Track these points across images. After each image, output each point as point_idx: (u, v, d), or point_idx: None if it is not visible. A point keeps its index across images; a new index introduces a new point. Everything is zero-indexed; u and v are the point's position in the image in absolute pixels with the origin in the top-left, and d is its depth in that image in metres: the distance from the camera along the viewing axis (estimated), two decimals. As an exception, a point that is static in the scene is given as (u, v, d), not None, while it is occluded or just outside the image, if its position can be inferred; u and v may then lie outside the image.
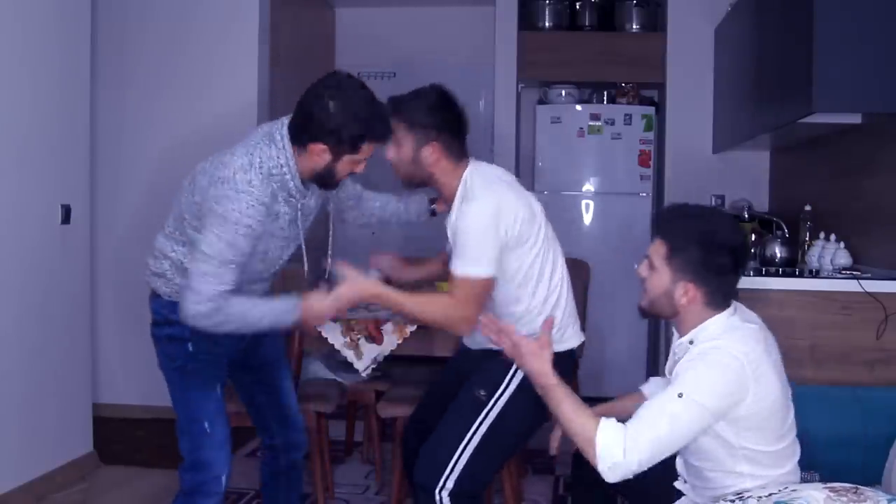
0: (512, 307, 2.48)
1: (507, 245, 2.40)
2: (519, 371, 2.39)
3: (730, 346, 1.97)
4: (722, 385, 1.94)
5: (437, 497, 2.38)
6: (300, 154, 2.32)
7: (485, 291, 2.41)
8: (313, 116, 2.27)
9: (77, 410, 3.87)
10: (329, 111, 2.24)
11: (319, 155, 2.30)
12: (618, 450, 1.90)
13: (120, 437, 4.34)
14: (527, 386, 2.20)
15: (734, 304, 2.12)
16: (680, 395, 1.94)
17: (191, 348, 2.44)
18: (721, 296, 2.07)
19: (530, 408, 2.37)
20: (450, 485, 2.38)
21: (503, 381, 2.47)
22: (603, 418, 1.96)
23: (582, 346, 2.72)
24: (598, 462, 1.92)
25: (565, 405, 2.00)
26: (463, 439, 2.42)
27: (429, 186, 2.60)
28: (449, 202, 2.56)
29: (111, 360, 4.75)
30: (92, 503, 3.59)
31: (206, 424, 2.44)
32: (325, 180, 2.39)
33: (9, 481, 3.35)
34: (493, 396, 2.46)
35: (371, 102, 2.30)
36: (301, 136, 2.30)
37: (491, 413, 2.45)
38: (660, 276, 2.09)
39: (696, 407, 1.92)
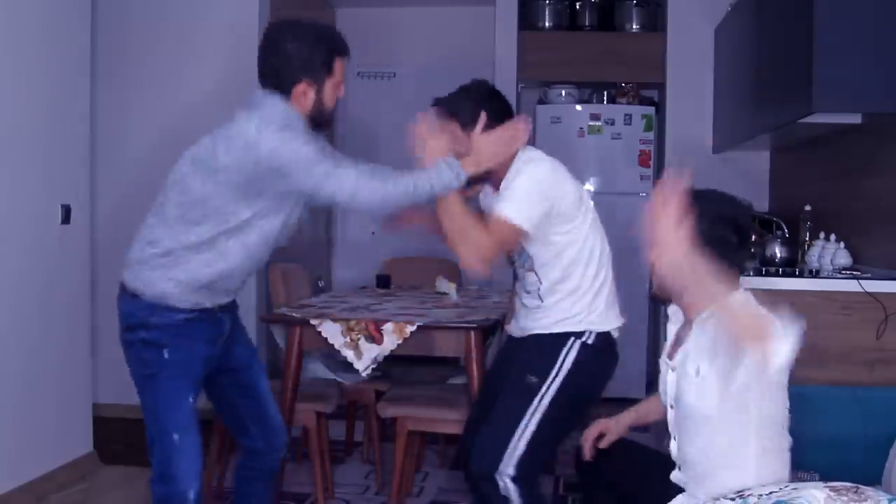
0: (564, 284, 2.60)
1: (552, 214, 2.51)
2: (570, 355, 2.50)
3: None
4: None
5: (500, 482, 2.41)
6: (292, 101, 2.38)
7: (512, 239, 2.50)
8: (281, 60, 2.35)
9: (77, 410, 3.87)
10: (292, 48, 2.35)
11: (305, 94, 2.37)
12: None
13: (120, 437, 4.34)
14: (577, 370, 2.37)
15: (746, 291, 2.12)
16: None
17: (166, 355, 2.34)
18: (728, 271, 2.07)
19: (583, 388, 2.51)
20: (510, 470, 2.42)
21: (554, 365, 2.52)
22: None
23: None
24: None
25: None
26: (518, 425, 2.45)
27: (487, 178, 2.64)
28: (499, 185, 2.61)
29: (111, 360, 4.71)
30: (92, 503, 3.59)
31: (176, 436, 2.33)
32: (319, 119, 2.43)
33: (8, 481, 3.35)
34: (544, 381, 2.50)
35: (316, 23, 2.44)
36: (281, 85, 2.36)
37: (545, 398, 2.49)
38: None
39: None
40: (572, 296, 2.58)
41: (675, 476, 2.19)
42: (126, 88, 4.78)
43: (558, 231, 2.55)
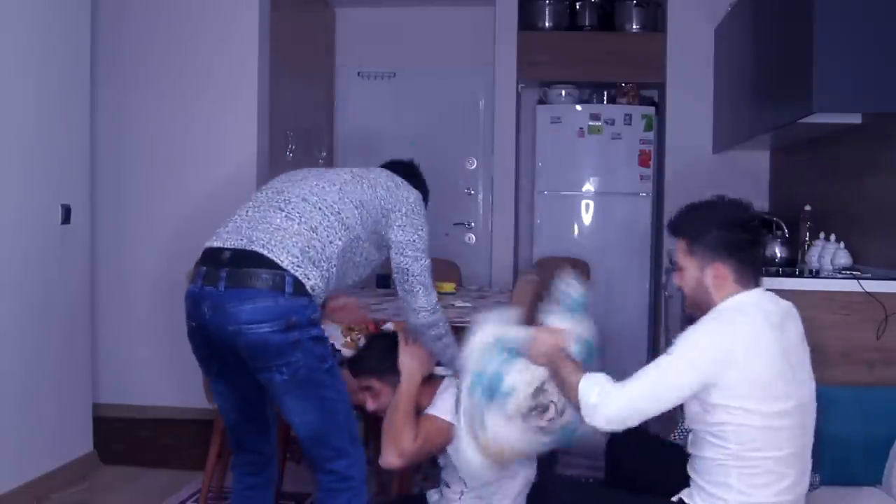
0: None
1: None
2: None
3: (732, 316, 2.06)
4: (710, 346, 2.02)
5: None
6: None
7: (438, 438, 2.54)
8: (415, 174, 2.77)
9: (77, 410, 3.87)
10: (424, 181, 2.83)
11: None
12: (594, 393, 2.04)
13: (120, 437, 4.34)
14: None
15: (767, 291, 2.17)
16: (668, 353, 2.05)
17: (332, 345, 2.48)
18: (749, 270, 2.14)
19: None
20: None
21: None
22: (586, 375, 2.11)
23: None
24: (579, 405, 2.08)
25: (565, 371, 2.18)
26: None
27: None
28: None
29: (111, 360, 4.74)
30: (92, 503, 3.59)
31: (355, 424, 2.45)
32: None
33: (9, 481, 3.35)
34: None
35: None
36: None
37: None
38: (689, 271, 2.18)
39: (683, 363, 2.02)
40: None
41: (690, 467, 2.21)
42: (126, 88, 4.78)
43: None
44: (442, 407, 2.51)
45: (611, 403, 2.02)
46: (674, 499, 2.16)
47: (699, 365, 2.01)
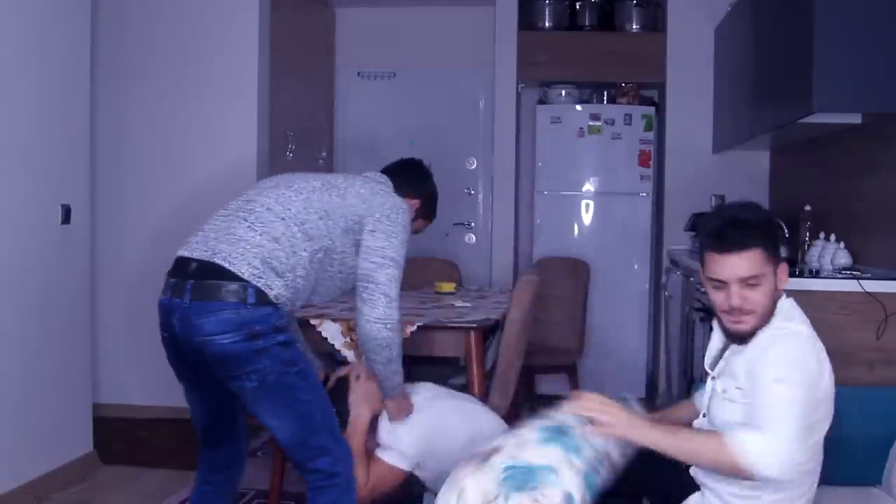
0: None
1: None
2: None
3: (809, 331, 2.09)
4: (811, 367, 2.01)
5: None
6: None
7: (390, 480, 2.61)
8: (419, 176, 2.82)
9: (77, 410, 3.87)
10: (431, 179, 2.86)
11: (410, 208, 2.66)
12: (752, 443, 1.90)
13: (120, 437, 4.34)
14: None
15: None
16: (777, 381, 1.95)
17: (300, 347, 2.44)
18: (784, 265, 2.17)
19: None
20: None
21: None
22: (724, 434, 1.94)
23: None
24: (757, 473, 1.92)
25: (678, 440, 2.01)
26: None
27: None
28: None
29: (111, 360, 4.74)
30: (92, 503, 3.59)
31: (335, 422, 2.47)
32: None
33: (9, 481, 3.35)
34: None
35: None
36: (403, 184, 2.72)
37: None
38: (767, 279, 2.10)
39: (798, 387, 1.96)
40: None
41: (693, 470, 2.20)
42: (126, 88, 4.78)
43: None
44: (394, 447, 2.54)
45: (779, 450, 1.91)
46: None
47: (813, 387, 2.00)
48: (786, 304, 2.14)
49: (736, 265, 2.07)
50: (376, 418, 2.64)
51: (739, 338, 2.13)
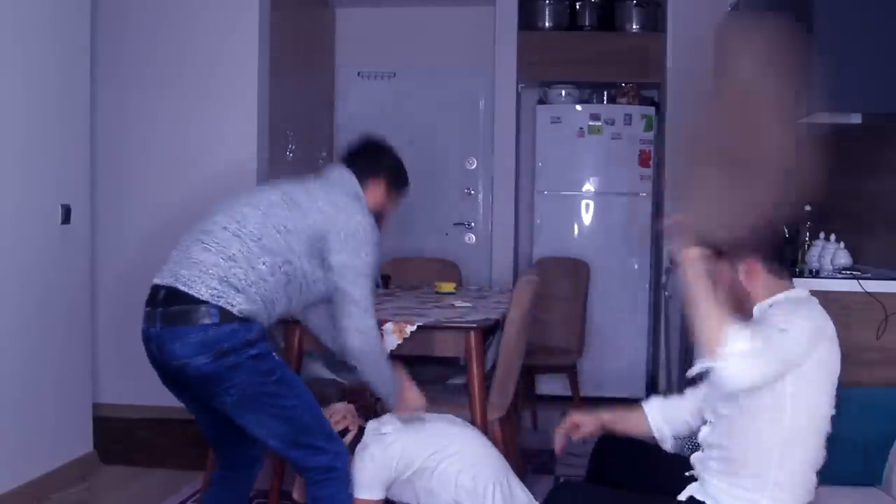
0: None
1: None
2: None
3: (813, 309, 2.11)
4: (809, 331, 2.02)
5: None
6: (365, 190, 2.70)
7: None
8: (377, 155, 2.76)
9: (77, 410, 3.87)
10: (389, 153, 2.80)
11: (378, 190, 2.73)
12: (738, 347, 1.92)
13: (120, 437, 4.34)
14: None
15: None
16: (783, 330, 1.98)
17: (277, 357, 2.44)
18: (780, 262, 2.17)
19: None
20: None
21: None
22: (727, 334, 1.94)
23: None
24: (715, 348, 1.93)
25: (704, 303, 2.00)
26: None
27: None
28: None
29: (111, 360, 4.74)
30: (92, 503, 3.59)
31: (325, 422, 2.52)
32: (377, 219, 2.68)
33: (9, 481, 3.35)
34: None
35: None
36: (365, 170, 2.71)
37: None
38: (723, 274, 2.16)
39: (796, 334, 1.99)
40: None
41: (695, 457, 2.20)
42: (126, 88, 4.78)
43: None
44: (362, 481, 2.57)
45: (756, 364, 1.93)
46: (681, 497, 2.15)
47: (807, 344, 2.00)
48: (793, 292, 2.16)
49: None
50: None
51: None
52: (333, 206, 2.54)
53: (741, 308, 2.16)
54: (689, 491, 2.15)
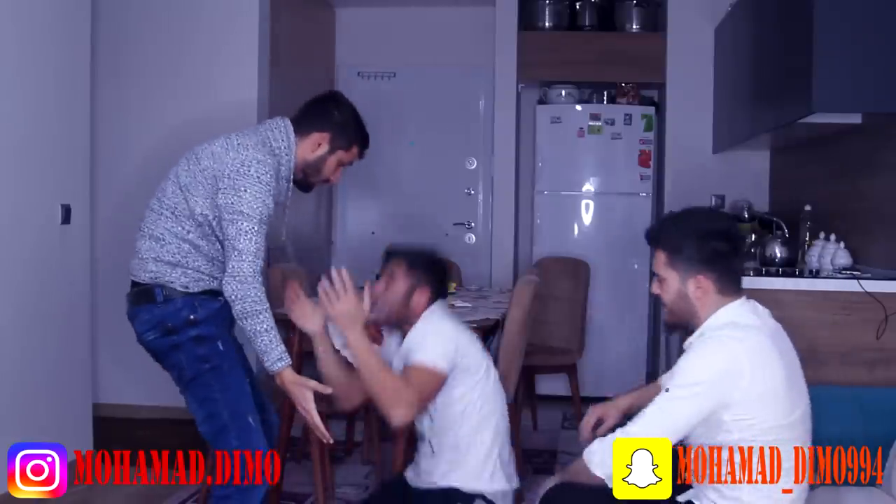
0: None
1: (459, 364, 2.40)
2: None
3: (730, 333, 2.04)
4: (715, 369, 2.00)
5: None
6: (301, 141, 2.55)
7: (432, 384, 2.37)
8: (325, 108, 2.61)
9: (77, 410, 3.87)
10: (341, 108, 2.65)
11: (318, 144, 2.57)
12: (598, 453, 2.06)
13: (120, 437, 4.34)
14: None
15: (749, 299, 2.15)
16: (667, 391, 2.03)
17: (221, 347, 2.44)
18: (730, 280, 2.13)
19: None
20: None
21: None
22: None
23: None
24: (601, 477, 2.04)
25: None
26: None
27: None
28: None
29: (111, 360, 4.74)
30: (92, 503, 3.58)
31: (251, 419, 2.45)
32: (310, 174, 2.59)
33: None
34: None
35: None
36: (308, 123, 2.57)
37: None
38: (669, 283, 2.16)
39: (686, 394, 2.00)
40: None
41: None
42: (126, 88, 4.78)
43: (461, 384, 2.42)
44: (430, 352, 2.38)
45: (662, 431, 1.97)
46: (680, 498, 2.15)
47: (707, 392, 1.99)
48: (723, 314, 2.11)
49: (655, 257, 2.20)
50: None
51: (669, 328, 2.27)
52: (224, 148, 2.45)
53: (681, 319, 2.17)
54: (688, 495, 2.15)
